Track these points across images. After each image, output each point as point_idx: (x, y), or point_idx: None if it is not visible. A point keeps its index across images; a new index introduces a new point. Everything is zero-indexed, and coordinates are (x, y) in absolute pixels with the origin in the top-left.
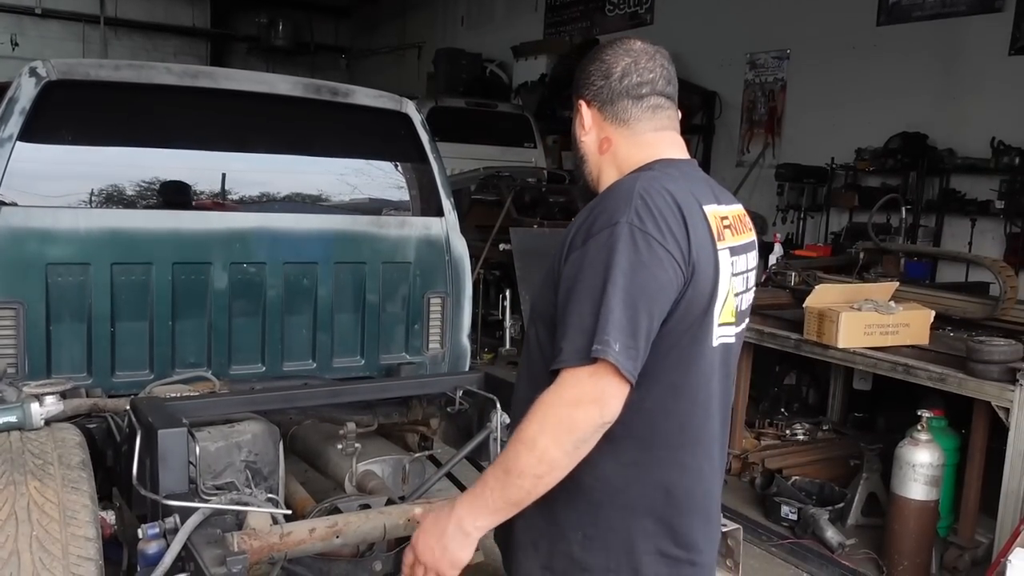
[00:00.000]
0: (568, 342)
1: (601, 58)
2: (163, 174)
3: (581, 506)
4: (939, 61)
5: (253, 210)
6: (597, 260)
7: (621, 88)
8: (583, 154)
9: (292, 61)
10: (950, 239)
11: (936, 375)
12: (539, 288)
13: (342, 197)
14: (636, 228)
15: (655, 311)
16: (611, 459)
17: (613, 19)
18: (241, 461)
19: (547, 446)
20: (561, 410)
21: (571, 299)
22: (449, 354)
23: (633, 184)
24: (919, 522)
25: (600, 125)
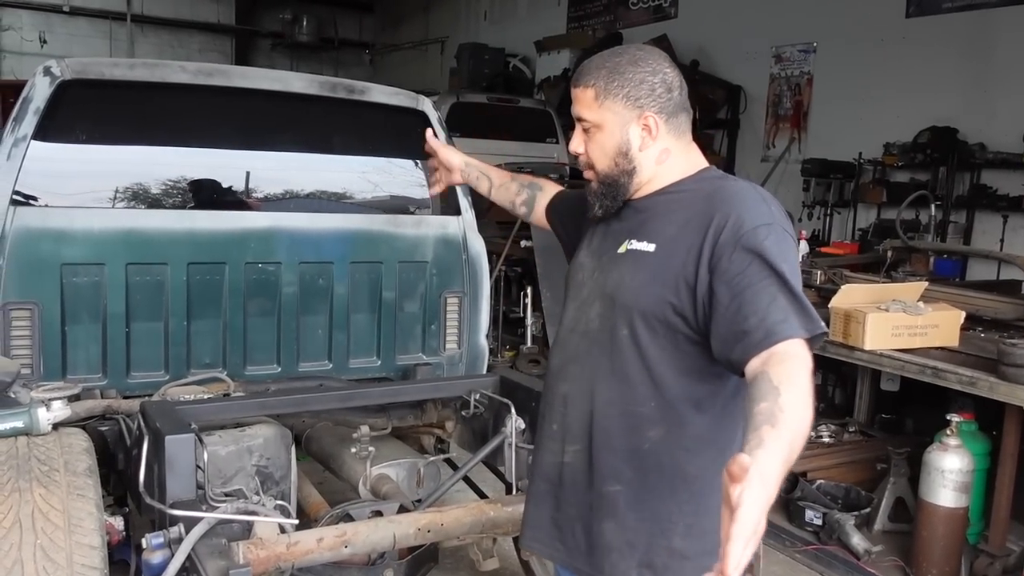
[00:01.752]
0: (784, 322)
1: (661, 70)
2: (178, 173)
3: (684, 497)
4: (970, 53)
5: (268, 209)
6: (769, 257)
7: (681, 100)
8: (636, 165)
9: (316, 57)
10: (980, 236)
11: (966, 379)
12: (637, 287)
13: (358, 196)
14: (783, 229)
15: None
16: (712, 446)
17: (637, 12)
18: (252, 466)
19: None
20: (808, 377)
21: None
22: (466, 354)
23: (752, 190)
24: (948, 529)
25: (662, 137)
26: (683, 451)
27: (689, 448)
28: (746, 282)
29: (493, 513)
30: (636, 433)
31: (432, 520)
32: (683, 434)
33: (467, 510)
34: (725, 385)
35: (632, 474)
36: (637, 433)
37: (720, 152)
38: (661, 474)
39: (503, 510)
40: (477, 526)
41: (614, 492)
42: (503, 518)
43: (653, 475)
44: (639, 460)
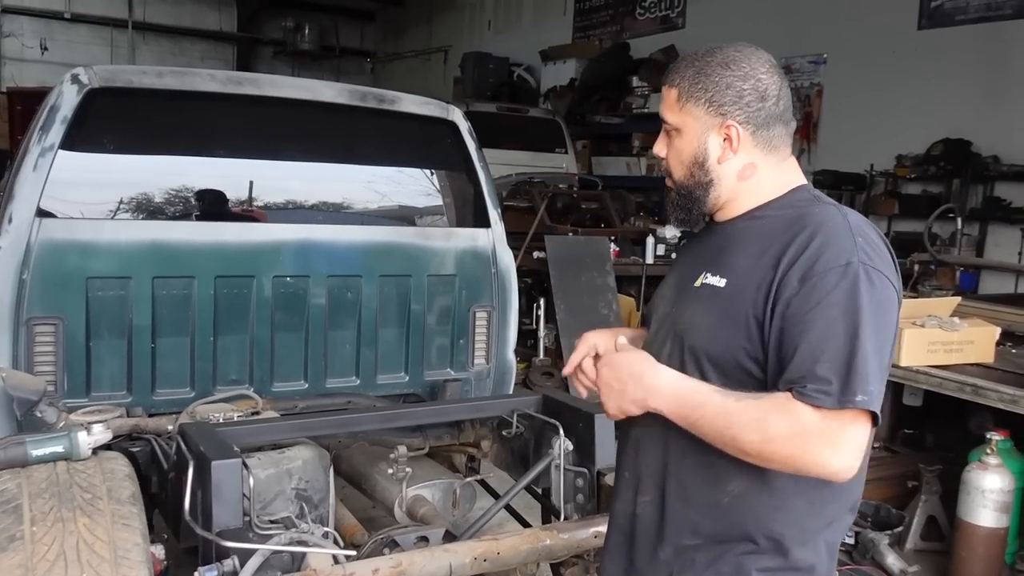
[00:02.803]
0: (823, 381)
1: (755, 75)
2: (206, 184)
3: (768, 553)
4: (983, 65)
5: (297, 221)
6: (838, 303)
7: (778, 112)
8: (714, 178)
9: (318, 65)
10: (994, 248)
11: (1008, 396)
12: (703, 329)
13: (387, 207)
14: (870, 267)
15: (891, 349)
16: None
17: (643, 22)
18: (292, 489)
19: (773, 453)
20: (815, 444)
21: (815, 343)
22: (495, 370)
23: (842, 219)
24: (988, 550)
25: (748, 150)
26: (767, 507)
27: (775, 505)
28: (796, 331)
29: (549, 541)
30: (714, 486)
31: (488, 549)
32: (766, 488)
33: (523, 538)
34: None
35: (712, 529)
36: (715, 486)
37: None
38: (743, 530)
39: (559, 537)
40: (533, 554)
41: (692, 546)
42: (559, 546)
43: (735, 531)
44: (719, 514)
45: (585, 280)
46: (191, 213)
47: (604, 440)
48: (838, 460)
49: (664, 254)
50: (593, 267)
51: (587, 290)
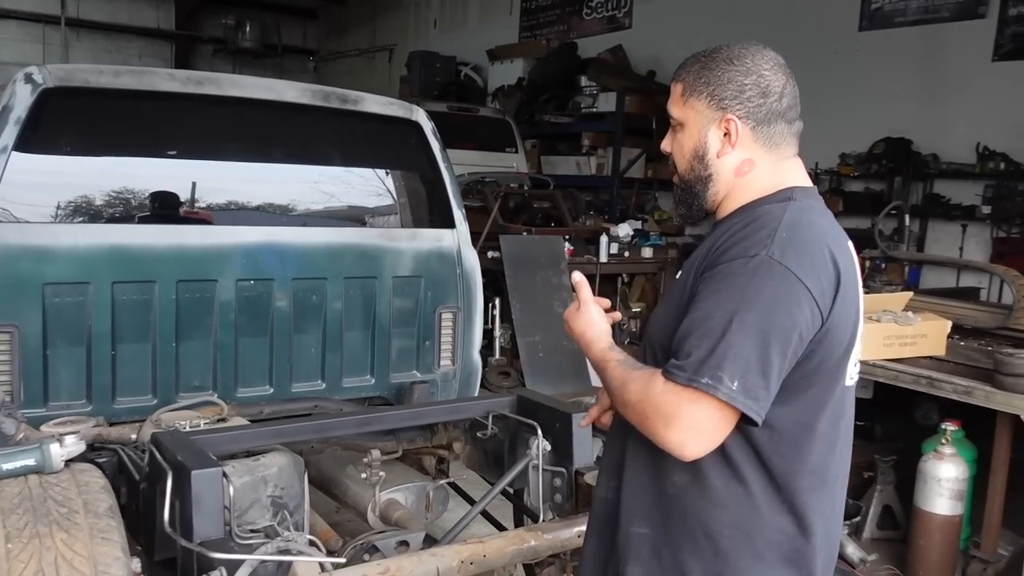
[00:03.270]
0: (684, 356)
1: (758, 70)
2: (167, 186)
3: (708, 554)
4: (922, 66)
5: (260, 223)
6: (728, 289)
7: (780, 109)
8: (713, 173)
9: (259, 63)
10: (934, 244)
11: (962, 388)
12: (659, 318)
13: (351, 209)
14: (776, 262)
15: (788, 351)
16: (743, 504)
17: (591, 22)
18: (268, 496)
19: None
20: (652, 414)
21: (693, 321)
22: (461, 371)
23: (781, 214)
24: (944, 537)
25: (747, 146)
26: (706, 503)
27: (714, 502)
28: (692, 307)
29: (534, 541)
30: (662, 476)
31: (475, 552)
32: (706, 485)
33: (508, 539)
34: (760, 442)
35: (659, 518)
36: (663, 476)
37: None
38: (684, 524)
39: (543, 537)
40: (519, 555)
41: (641, 534)
42: (544, 546)
43: (676, 523)
44: (665, 504)
45: (540, 279)
46: (151, 216)
47: (582, 440)
48: (672, 435)
49: (617, 252)
50: (548, 266)
51: (542, 289)
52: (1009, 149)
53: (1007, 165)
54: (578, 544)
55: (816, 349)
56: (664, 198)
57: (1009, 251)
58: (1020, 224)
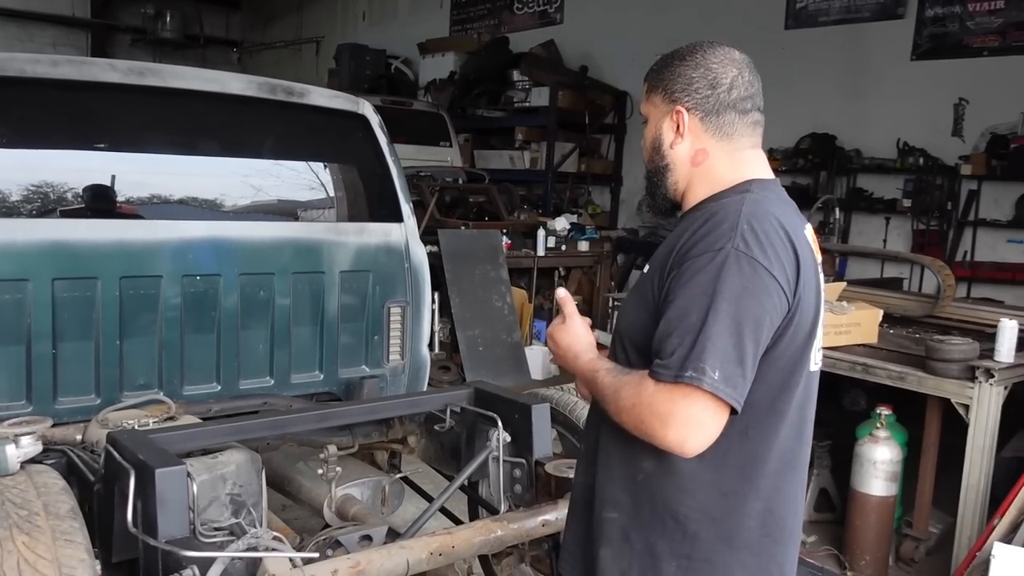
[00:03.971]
0: (667, 355)
1: (705, 64)
2: (109, 180)
3: (676, 537)
4: (845, 65)
5: (206, 218)
6: (700, 284)
7: (729, 100)
8: (670, 163)
9: (181, 54)
10: (857, 236)
11: (896, 374)
12: (629, 313)
13: (298, 203)
14: (742, 253)
15: (760, 338)
16: (711, 488)
17: (522, 17)
18: (226, 494)
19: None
20: (648, 416)
21: (671, 320)
22: (409, 365)
23: (739, 207)
24: (879, 517)
25: (698, 136)
26: (674, 489)
27: (682, 487)
28: (666, 304)
29: (501, 531)
30: (632, 461)
31: (444, 543)
32: (674, 470)
33: (475, 530)
34: (729, 428)
35: (629, 503)
36: (633, 461)
37: (608, 156)
38: (653, 508)
39: (509, 527)
40: (486, 545)
41: (611, 519)
42: (510, 536)
43: (646, 507)
44: (634, 490)
45: (479, 273)
46: (94, 211)
47: (541, 430)
48: (671, 433)
49: (554, 246)
50: (486, 260)
51: (481, 283)
52: (927, 145)
53: (926, 160)
54: (544, 532)
55: (783, 335)
56: (597, 192)
57: (928, 243)
58: (938, 217)
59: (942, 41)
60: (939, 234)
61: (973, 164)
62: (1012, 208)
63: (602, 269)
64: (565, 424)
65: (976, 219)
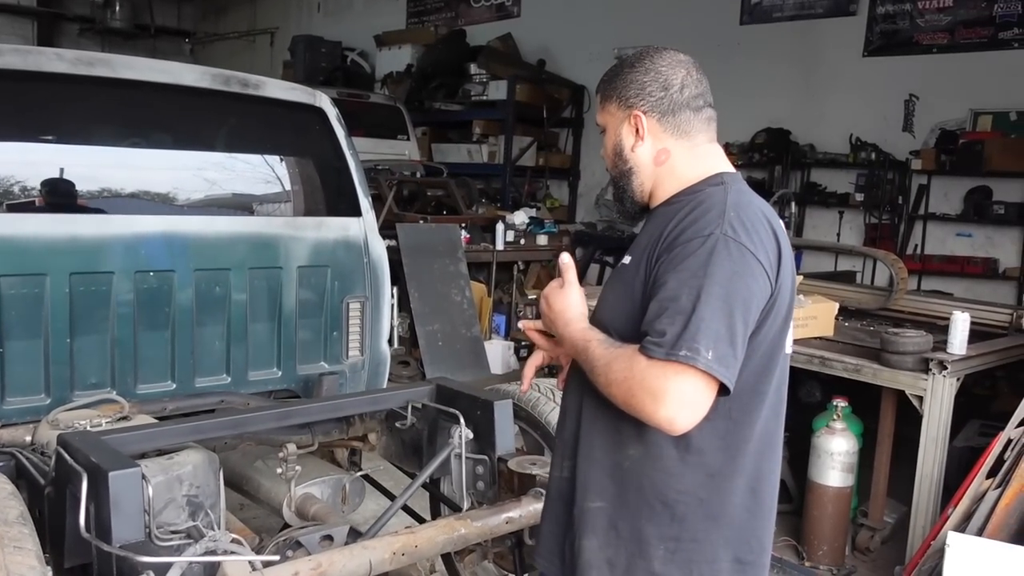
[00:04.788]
0: (658, 334)
1: (655, 68)
2: (57, 174)
3: (664, 520)
4: (799, 60)
5: (159, 212)
6: (690, 267)
7: (682, 99)
8: (633, 166)
9: (131, 44)
10: (811, 230)
11: (852, 366)
12: (610, 303)
13: (254, 197)
14: (730, 239)
15: (749, 319)
16: (698, 470)
17: (479, 10)
18: (183, 496)
19: (614, 396)
20: (639, 391)
21: (662, 301)
22: (369, 361)
23: (724, 197)
24: (836, 507)
25: (657, 136)
26: (662, 473)
27: (669, 471)
28: (656, 287)
29: (464, 529)
30: (617, 449)
31: (407, 542)
32: (661, 455)
33: (439, 528)
34: (715, 409)
35: (614, 490)
36: (618, 449)
37: (566, 150)
38: (640, 494)
39: (473, 525)
40: (450, 544)
41: (596, 508)
42: (473, 533)
43: (633, 494)
44: (620, 477)
45: (438, 267)
46: (41, 205)
47: (503, 427)
48: (662, 410)
49: (513, 240)
50: (445, 254)
51: (440, 277)
52: (879, 140)
53: (877, 155)
54: (508, 530)
55: (766, 318)
56: (555, 186)
57: (880, 236)
58: (889, 211)
59: (893, 38)
60: (891, 228)
61: (923, 159)
62: (960, 202)
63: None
64: (528, 420)
65: (926, 213)
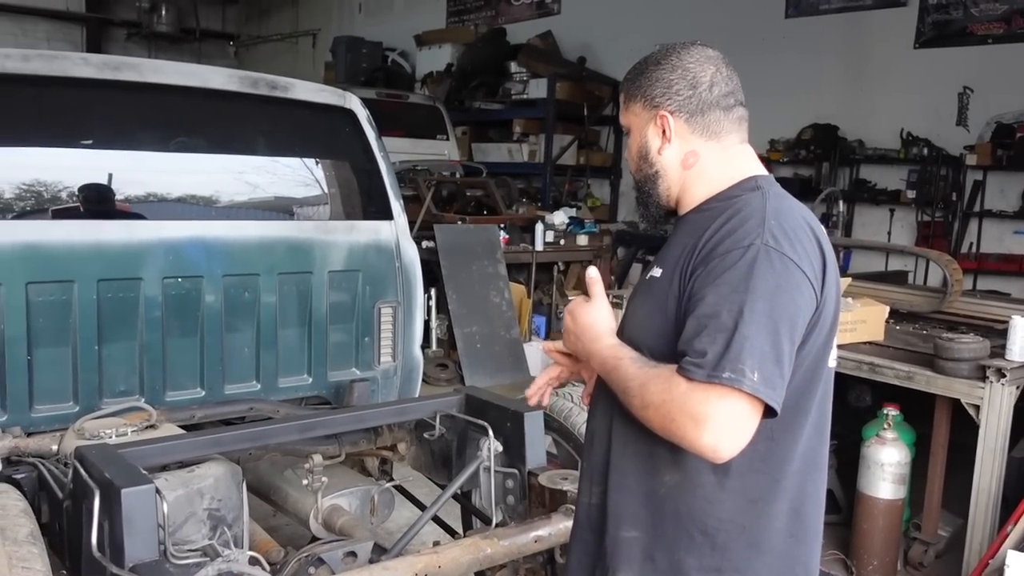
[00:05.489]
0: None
1: (682, 65)
2: (85, 179)
3: (704, 550)
4: (847, 54)
5: (187, 217)
6: (730, 281)
7: (712, 98)
8: (659, 169)
9: (176, 48)
10: (860, 228)
11: (903, 373)
12: (640, 318)
13: (284, 201)
14: (772, 249)
15: (795, 336)
16: (739, 497)
17: (519, 8)
18: (204, 510)
19: (651, 419)
20: (679, 416)
21: (701, 318)
22: (401, 367)
23: (763, 203)
24: (887, 521)
25: (685, 138)
26: (700, 500)
27: (708, 498)
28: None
29: (490, 549)
30: (651, 475)
31: (429, 563)
32: (701, 481)
33: (463, 548)
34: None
35: (649, 519)
36: (652, 475)
37: (607, 148)
38: (678, 523)
39: (499, 544)
40: (476, 564)
41: (630, 538)
42: (500, 553)
43: (669, 523)
44: (655, 505)
45: (476, 269)
46: (69, 211)
47: (534, 439)
48: (704, 436)
49: (553, 240)
50: (484, 255)
51: (478, 279)
52: (931, 135)
53: (930, 150)
54: (536, 549)
55: (810, 332)
56: (596, 185)
57: (932, 234)
58: (943, 208)
59: (946, 29)
60: (944, 225)
61: (978, 154)
62: (1018, 199)
63: (602, 263)
64: (560, 431)
65: (981, 210)
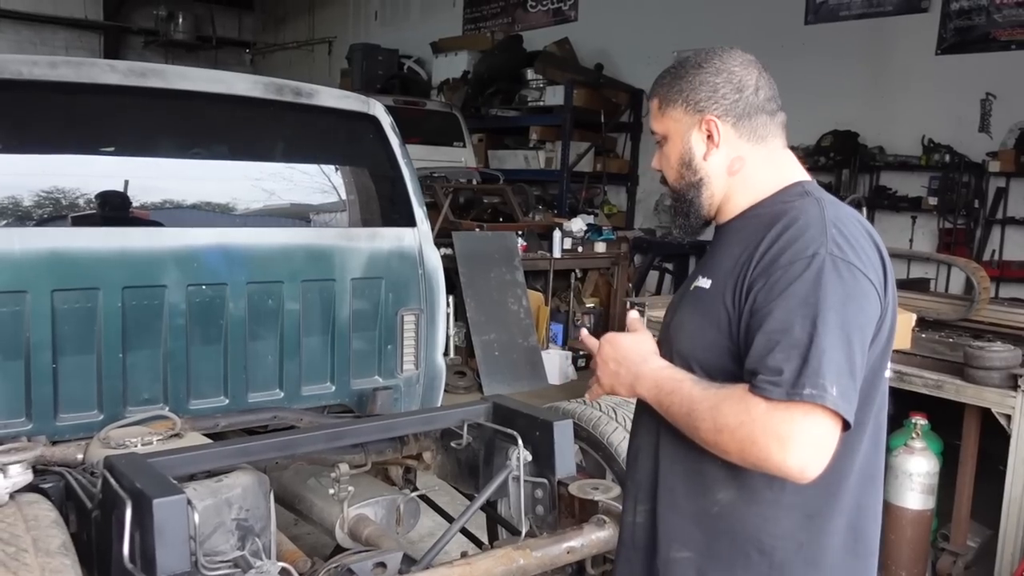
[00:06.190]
0: (773, 372)
1: (727, 68)
2: (110, 186)
3: (762, 569)
4: (868, 60)
5: (212, 224)
6: (798, 293)
7: (758, 102)
8: (703, 176)
9: (193, 56)
10: (882, 235)
11: (932, 382)
12: (690, 332)
13: (308, 208)
14: (838, 258)
15: (866, 347)
16: (796, 512)
17: (536, 15)
18: (232, 520)
19: (725, 444)
20: (762, 437)
21: (771, 334)
22: (424, 375)
23: (820, 210)
24: (916, 531)
25: (732, 143)
26: (757, 517)
27: (764, 515)
28: (760, 317)
29: (523, 560)
30: (703, 493)
31: (462, 575)
32: (757, 498)
33: (496, 560)
34: None
35: (703, 539)
36: (704, 494)
37: (624, 155)
38: (733, 542)
39: (532, 556)
40: (508, 575)
41: (683, 559)
42: (533, 565)
43: (724, 542)
44: (709, 524)
45: (494, 276)
46: (94, 218)
47: (563, 449)
48: (791, 457)
49: (571, 247)
50: (501, 262)
51: (496, 286)
52: (953, 141)
53: (951, 157)
54: (567, 560)
55: (873, 340)
56: (613, 192)
57: (955, 241)
58: (965, 215)
59: (968, 34)
60: (966, 233)
61: (1001, 161)
62: None
63: (619, 270)
64: (589, 440)
65: (1004, 217)
